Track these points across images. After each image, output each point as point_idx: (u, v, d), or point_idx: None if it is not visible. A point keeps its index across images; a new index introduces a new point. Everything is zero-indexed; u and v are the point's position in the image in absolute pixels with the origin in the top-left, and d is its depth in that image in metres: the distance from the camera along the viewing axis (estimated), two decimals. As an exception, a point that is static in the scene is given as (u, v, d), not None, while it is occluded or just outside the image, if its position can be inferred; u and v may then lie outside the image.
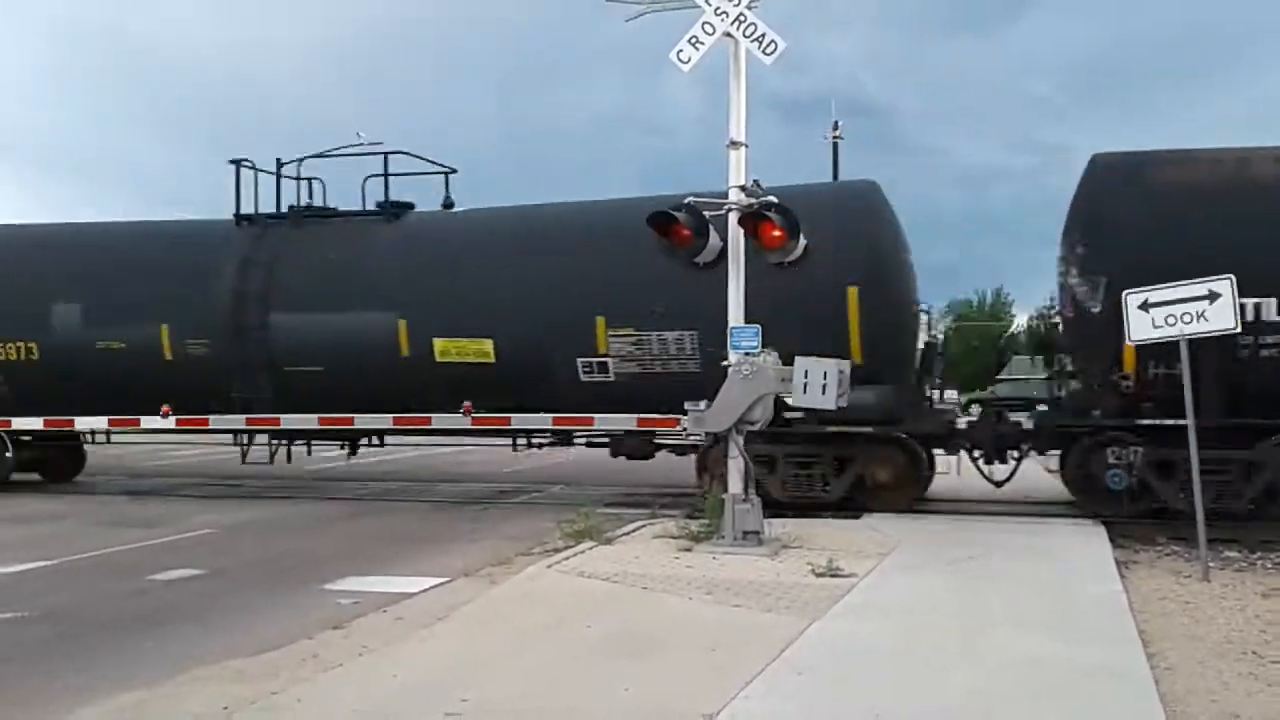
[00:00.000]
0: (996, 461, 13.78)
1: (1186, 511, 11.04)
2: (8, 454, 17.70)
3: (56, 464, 19.17)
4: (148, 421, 16.34)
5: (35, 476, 18.90)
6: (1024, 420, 14.12)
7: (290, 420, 15.94)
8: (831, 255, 12.79)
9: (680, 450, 14.81)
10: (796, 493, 13.47)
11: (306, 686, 6.38)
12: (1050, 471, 16.98)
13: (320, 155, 17.12)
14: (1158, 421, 11.98)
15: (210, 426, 16.46)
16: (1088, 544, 11.06)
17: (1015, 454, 13.79)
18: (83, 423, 17.04)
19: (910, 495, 13.66)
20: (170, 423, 16.13)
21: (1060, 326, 14.58)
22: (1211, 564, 9.80)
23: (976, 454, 13.85)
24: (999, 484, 13.82)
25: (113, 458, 21.17)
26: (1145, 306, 9.94)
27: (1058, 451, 13.57)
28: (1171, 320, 9.79)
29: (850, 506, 13.44)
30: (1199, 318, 9.66)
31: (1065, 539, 11.43)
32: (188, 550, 11.75)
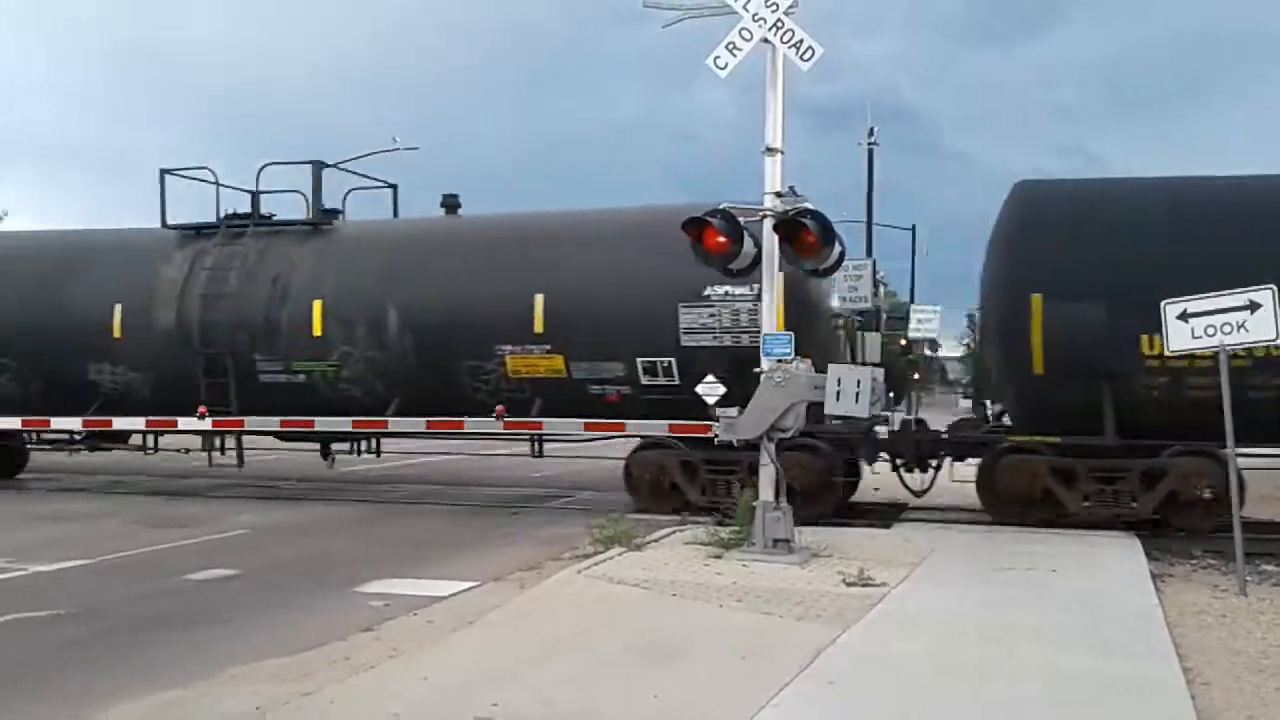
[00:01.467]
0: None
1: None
2: None
3: None
4: (185, 423, 16.48)
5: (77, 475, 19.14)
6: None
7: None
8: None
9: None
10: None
11: (338, 688, 6.42)
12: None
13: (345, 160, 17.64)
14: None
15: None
16: (1122, 556, 10.94)
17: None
18: (121, 423, 17.20)
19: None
20: (207, 424, 16.27)
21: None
22: (1249, 578, 9.68)
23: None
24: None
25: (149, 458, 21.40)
26: (1184, 317, 9.83)
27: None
28: (1211, 331, 9.68)
29: None
30: (1239, 328, 9.54)
31: (1099, 551, 11.31)
32: (222, 551, 11.86)
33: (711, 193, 14.10)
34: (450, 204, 17.74)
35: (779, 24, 10.67)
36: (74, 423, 17.38)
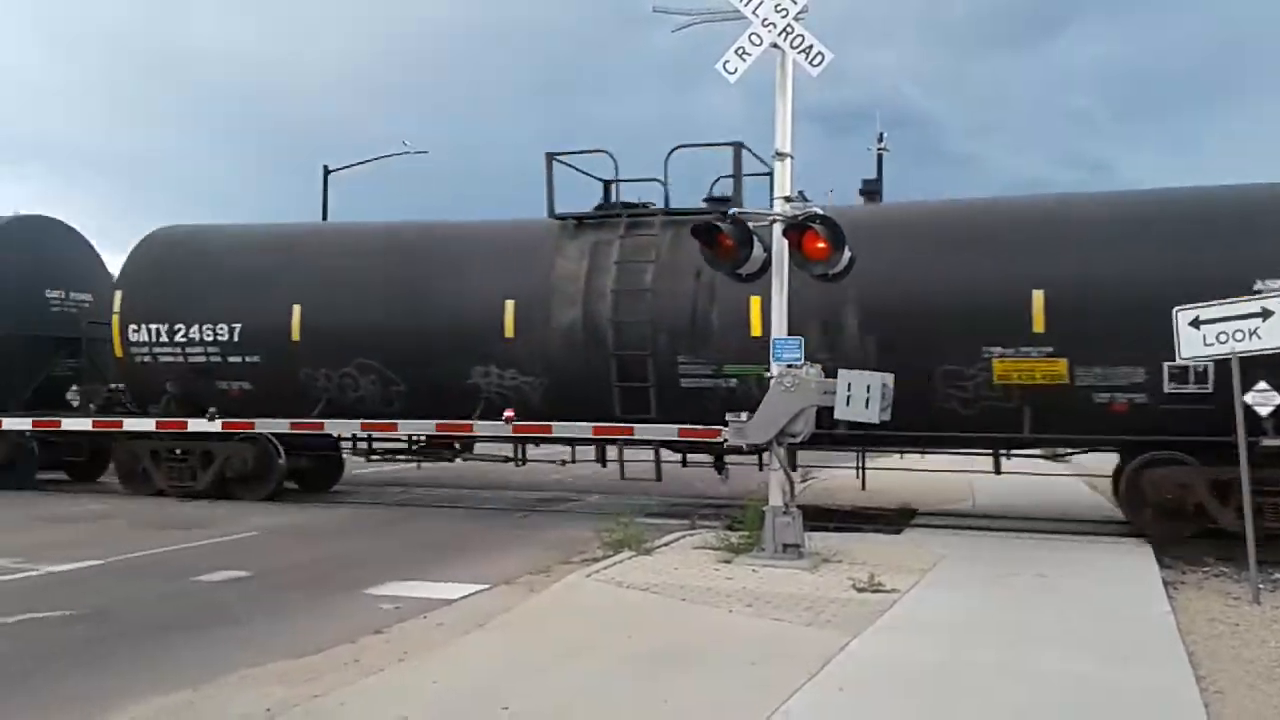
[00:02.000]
0: None
1: None
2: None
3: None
4: (195, 425, 16.47)
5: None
6: None
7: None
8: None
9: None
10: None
11: (348, 690, 6.42)
12: (1094, 489, 16.83)
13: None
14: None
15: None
16: (1134, 563, 10.91)
17: None
18: (131, 424, 17.16)
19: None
20: (216, 426, 16.26)
21: None
22: (1262, 586, 9.63)
23: None
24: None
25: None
26: (1196, 324, 9.81)
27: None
28: (1223, 337, 9.66)
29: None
30: (1251, 335, 9.52)
31: (1111, 558, 11.28)
32: (233, 552, 11.87)
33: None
34: (870, 190, 16.47)
35: (789, 29, 10.67)
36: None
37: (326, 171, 33.60)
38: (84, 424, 17.39)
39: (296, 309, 15.94)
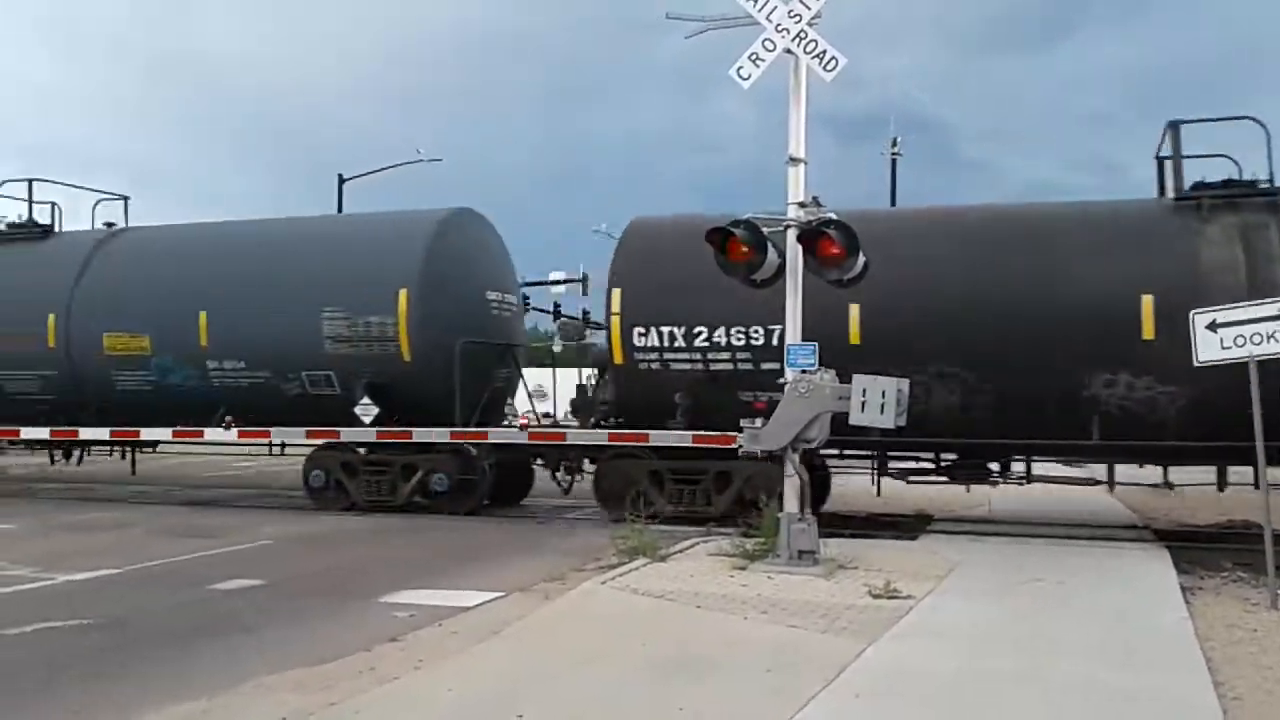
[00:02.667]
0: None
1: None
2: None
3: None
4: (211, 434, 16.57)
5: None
6: None
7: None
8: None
9: None
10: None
11: (364, 699, 6.42)
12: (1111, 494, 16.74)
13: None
14: None
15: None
16: (1151, 568, 10.84)
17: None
18: (147, 434, 17.31)
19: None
20: (232, 435, 16.37)
21: None
22: (1280, 592, 9.56)
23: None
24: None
25: (173, 468, 21.55)
26: (1213, 327, 9.75)
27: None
28: (1241, 341, 9.60)
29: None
30: (1269, 338, 9.46)
31: (1128, 563, 11.21)
32: (248, 561, 11.90)
33: (734, 204, 13.73)
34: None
35: (802, 34, 10.67)
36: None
37: (341, 180, 33.71)
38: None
39: (854, 309, 13.59)
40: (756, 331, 14.06)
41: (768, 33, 10.75)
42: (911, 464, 14.69)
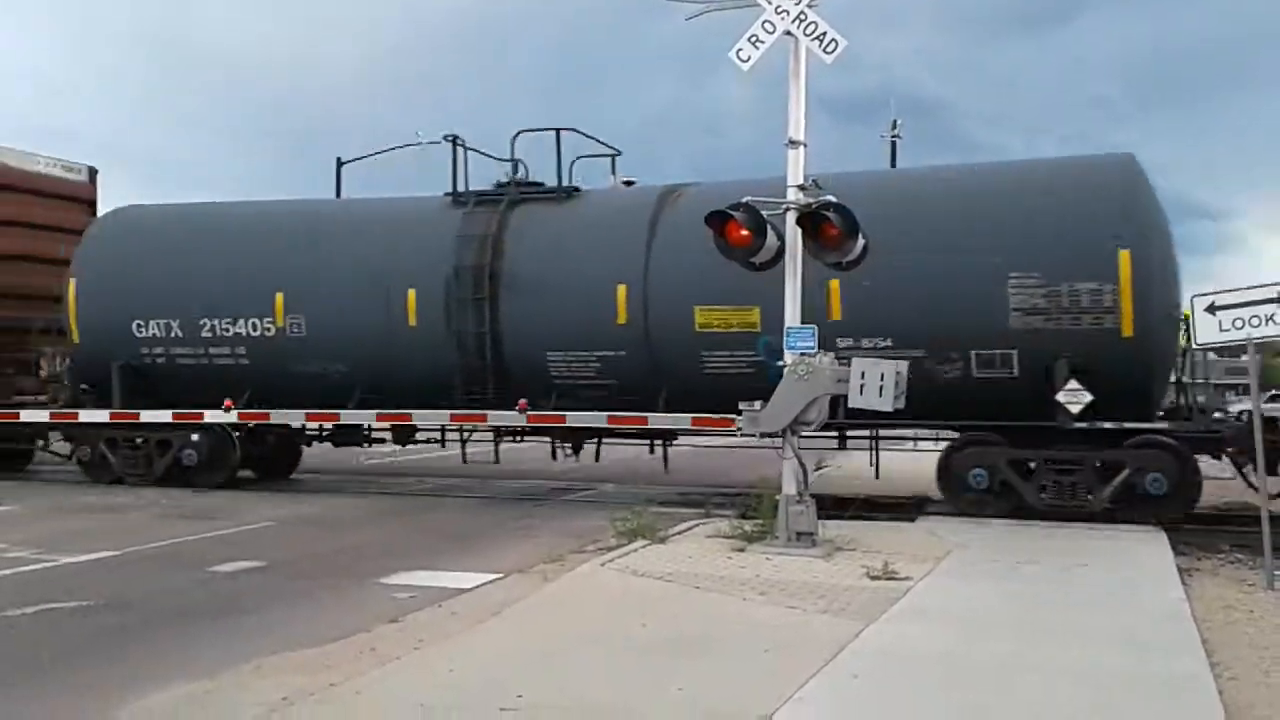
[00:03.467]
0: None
1: None
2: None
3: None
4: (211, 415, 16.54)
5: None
6: None
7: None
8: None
9: None
10: None
11: (364, 679, 6.46)
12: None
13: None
14: None
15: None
16: (1149, 550, 10.87)
17: None
18: (147, 415, 17.23)
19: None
20: (232, 416, 16.35)
21: None
22: (1277, 573, 9.58)
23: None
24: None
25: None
26: (1212, 310, 9.77)
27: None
28: (1239, 324, 9.62)
29: None
30: (1268, 321, 9.48)
31: (1126, 545, 11.24)
32: (248, 543, 11.94)
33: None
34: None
35: (802, 16, 10.65)
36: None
37: (340, 163, 33.49)
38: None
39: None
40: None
41: (767, 15, 10.73)
42: None
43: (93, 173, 20.91)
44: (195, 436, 16.68)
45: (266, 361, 16.38)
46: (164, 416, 16.79)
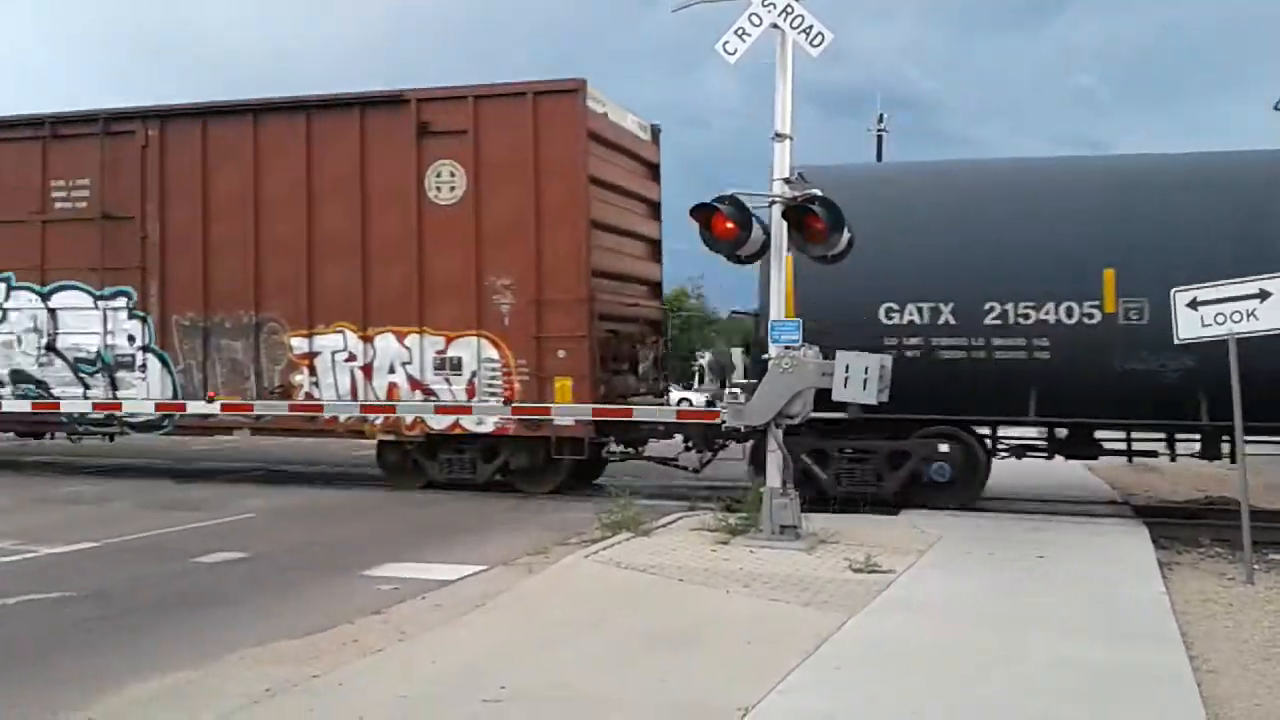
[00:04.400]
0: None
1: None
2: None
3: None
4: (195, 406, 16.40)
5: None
6: None
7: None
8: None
9: None
10: None
11: (347, 670, 6.46)
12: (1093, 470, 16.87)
13: None
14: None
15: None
16: (1130, 544, 10.94)
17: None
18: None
19: None
20: (215, 408, 16.21)
21: None
22: (1256, 566, 9.66)
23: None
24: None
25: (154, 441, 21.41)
26: (1194, 305, 9.82)
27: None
28: (1221, 319, 9.67)
29: None
30: (1249, 316, 9.53)
31: (1107, 538, 11.32)
32: (231, 534, 11.91)
33: (720, 178, 13.56)
34: None
35: (788, 9, 10.64)
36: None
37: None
38: None
39: None
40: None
41: (754, 7, 10.72)
42: None
43: (656, 132, 17.46)
44: (945, 448, 13.29)
45: (1076, 355, 12.58)
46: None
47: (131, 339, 16.62)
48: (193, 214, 16.31)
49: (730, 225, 10.85)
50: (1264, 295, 9.50)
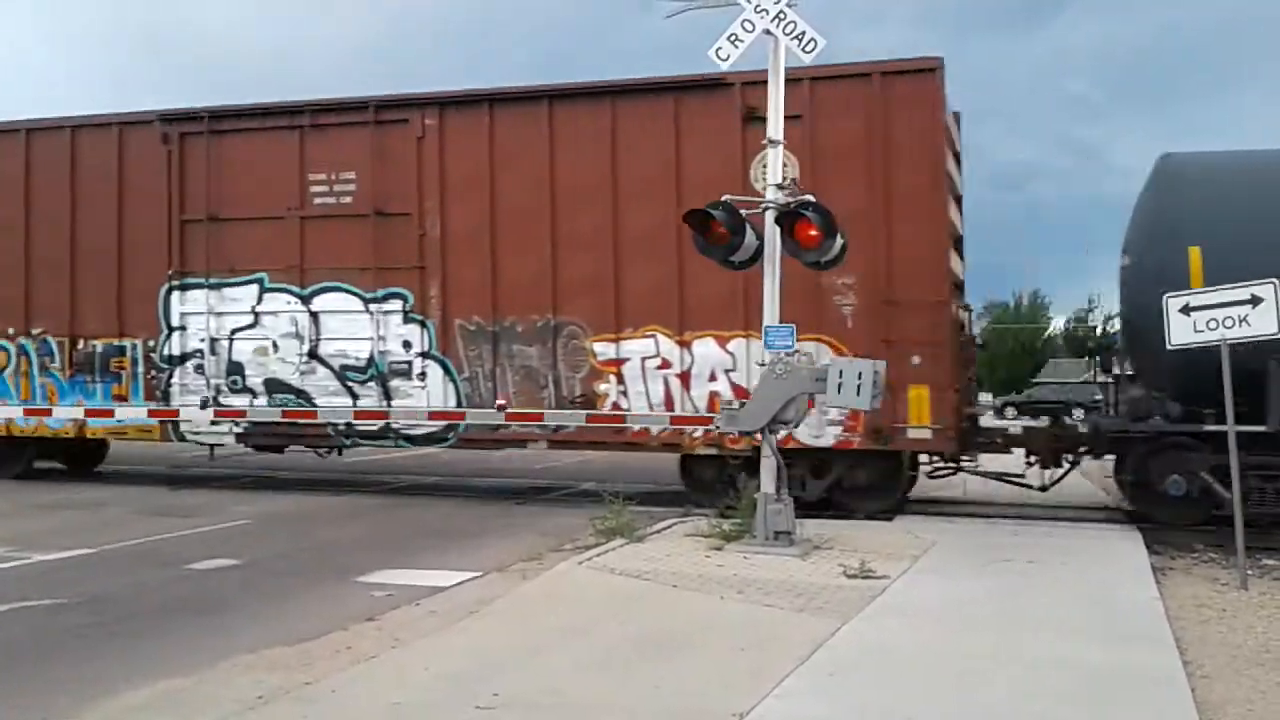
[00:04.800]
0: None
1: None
2: None
3: None
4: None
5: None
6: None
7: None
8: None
9: None
10: None
11: (340, 677, 6.45)
12: (1095, 476, 16.88)
13: None
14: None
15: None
16: (1124, 549, 10.96)
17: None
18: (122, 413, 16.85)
19: None
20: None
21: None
22: (1250, 572, 9.68)
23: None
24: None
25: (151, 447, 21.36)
26: (1186, 310, 9.85)
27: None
28: (1213, 324, 9.70)
29: None
30: (1241, 322, 9.56)
31: (1101, 544, 11.33)
32: (225, 540, 11.89)
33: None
34: None
35: (781, 15, 10.68)
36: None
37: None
38: None
39: None
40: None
41: (746, 13, 10.76)
42: None
43: (958, 116, 15.25)
44: None
45: None
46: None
47: (408, 345, 15.28)
48: (479, 209, 15.02)
49: (723, 231, 10.87)
50: (1255, 301, 9.54)
